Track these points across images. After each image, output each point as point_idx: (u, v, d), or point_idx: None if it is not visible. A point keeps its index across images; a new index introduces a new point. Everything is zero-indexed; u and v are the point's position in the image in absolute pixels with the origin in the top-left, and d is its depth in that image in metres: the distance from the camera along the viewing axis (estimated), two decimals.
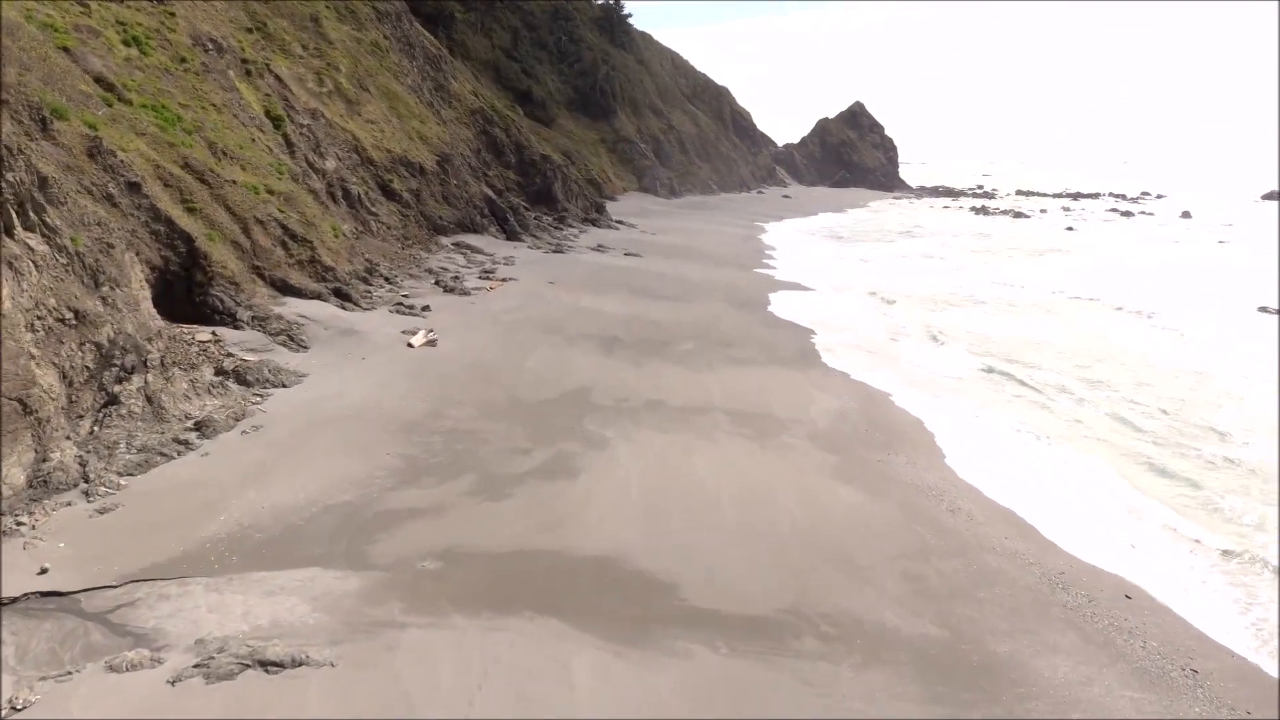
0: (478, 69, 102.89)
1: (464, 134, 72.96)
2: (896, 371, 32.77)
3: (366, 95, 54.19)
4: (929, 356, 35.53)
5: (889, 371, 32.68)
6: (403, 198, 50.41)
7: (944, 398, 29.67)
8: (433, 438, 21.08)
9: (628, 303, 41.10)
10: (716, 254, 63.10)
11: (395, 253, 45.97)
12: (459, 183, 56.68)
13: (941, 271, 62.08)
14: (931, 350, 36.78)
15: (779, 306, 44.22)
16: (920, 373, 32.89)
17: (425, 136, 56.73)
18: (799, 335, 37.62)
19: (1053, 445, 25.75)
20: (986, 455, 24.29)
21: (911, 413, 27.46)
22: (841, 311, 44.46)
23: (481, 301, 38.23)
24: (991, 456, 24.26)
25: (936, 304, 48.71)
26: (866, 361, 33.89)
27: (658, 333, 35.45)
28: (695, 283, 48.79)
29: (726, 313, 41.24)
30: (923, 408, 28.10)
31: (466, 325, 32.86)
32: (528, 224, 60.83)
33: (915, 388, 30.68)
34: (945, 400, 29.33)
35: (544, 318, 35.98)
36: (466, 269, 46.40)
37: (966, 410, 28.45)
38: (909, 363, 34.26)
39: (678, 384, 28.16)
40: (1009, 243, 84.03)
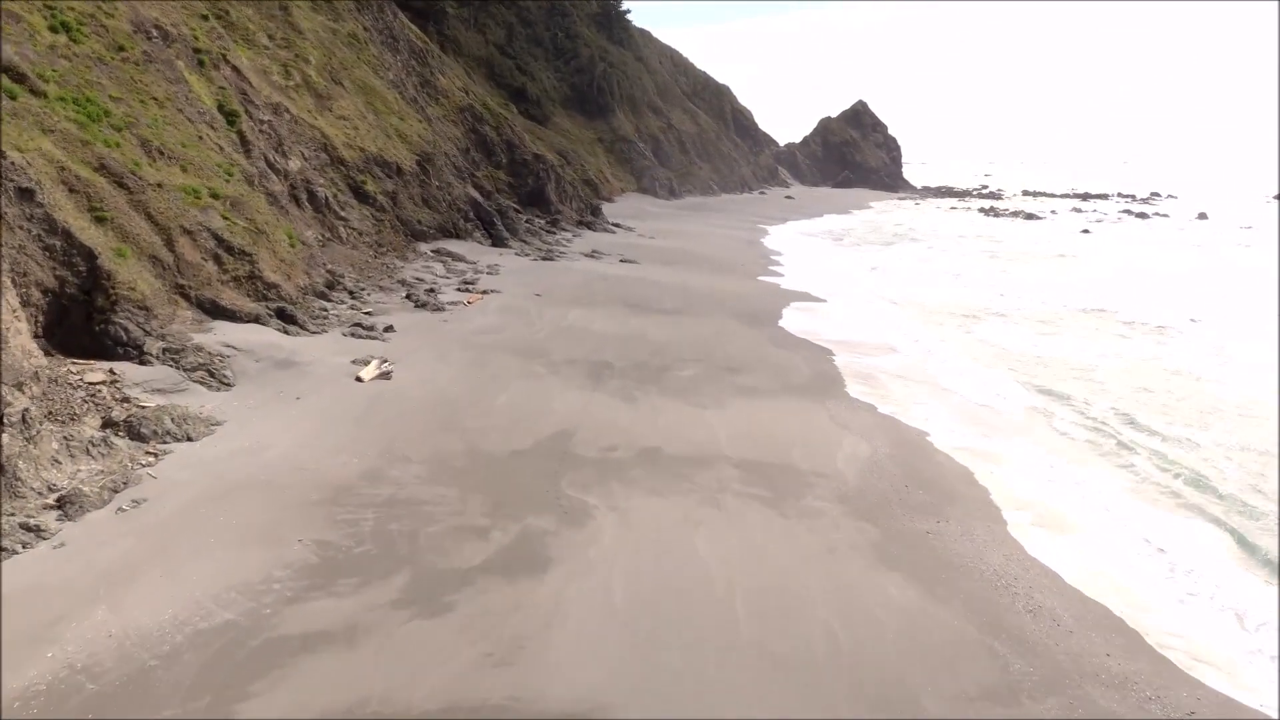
0: (470, 65, 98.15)
1: (451, 132, 68.29)
2: (930, 402, 28.03)
3: (339, 90, 49.44)
4: (965, 383, 30.73)
5: (922, 402, 27.95)
6: (377, 201, 45.67)
7: (992, 439, 24.92)
8: (363, 513, 16.33)
9: (622, 319, 36.36)
10: (719, 260, 58.36)
11: (365, 262, 41.25)
12: (441, 184, 51.92)
13: (961, 279, 57.23)
14: (967, 375, 31.95)
15: (790, 321, 39.50)
16: (958, 404, 28.15)
17: (405, 135, 51.97)
18: (815, 356, 32.90)
19: (1132, 503, 21.03)
20: (1056, 520, 19.58)
21: (957, 459, 22.72)
22: (859, 326, 39.72)
23: (456, 319, 33.49)
24: (1062, 522, 19.54)
25: (963, 317, 43.91)
26: (894, 389, 29.17)
27: (655, 355, 30.72)
28: (697, 293, 44.06)
29: (732, 329, 36.52)
30: (969, 452, 23.37)
31: (433, 350, 28.13)
32: (517, 228, 56.10)
33: (955, 424, 25.93)
34: (994, 443, 24.57)
35: (525, 339, 31.24)
36: (445, 279, 41.65)
37: (1021, 456, 23.70)
38: (943, 391, 29.48)
39: (677, 423, 23.45)
40: (1026, 246, 79.14)
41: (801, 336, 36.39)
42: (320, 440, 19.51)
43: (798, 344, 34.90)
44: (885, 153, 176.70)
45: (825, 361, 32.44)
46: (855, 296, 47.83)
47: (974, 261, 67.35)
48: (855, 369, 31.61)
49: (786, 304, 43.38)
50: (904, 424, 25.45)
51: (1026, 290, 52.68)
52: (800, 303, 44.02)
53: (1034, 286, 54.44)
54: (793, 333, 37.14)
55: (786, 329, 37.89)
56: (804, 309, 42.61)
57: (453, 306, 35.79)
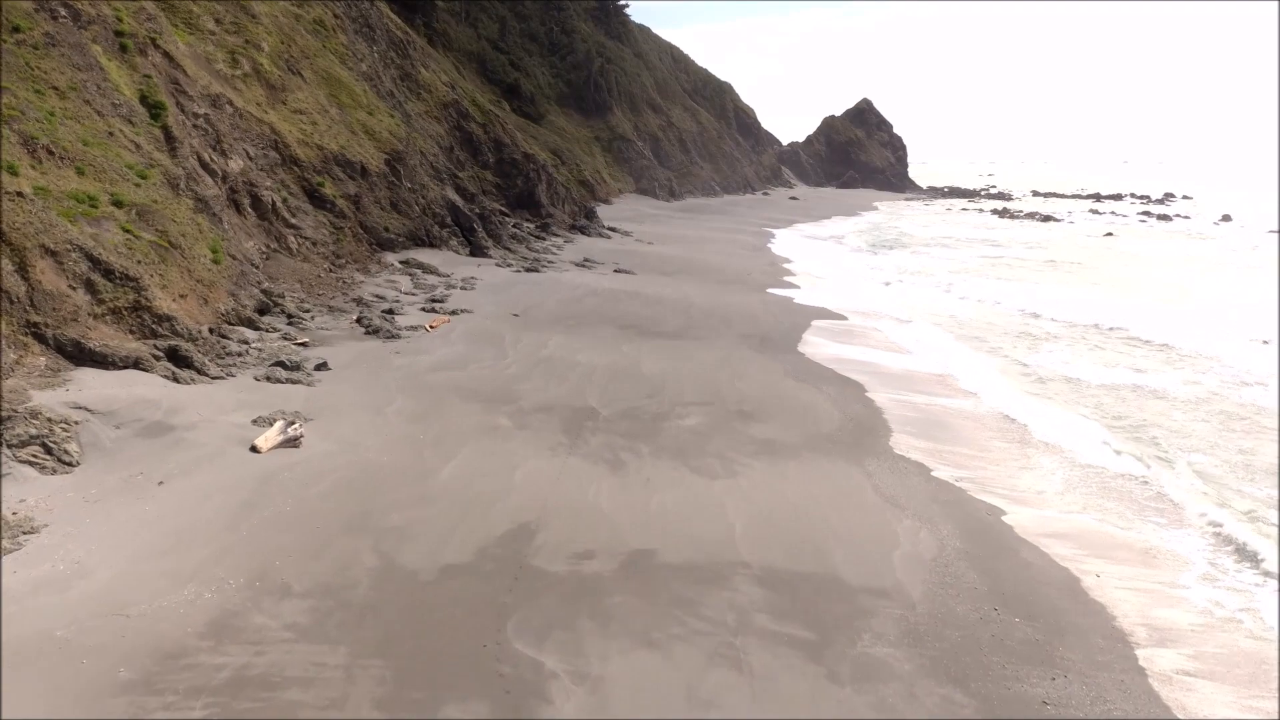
0: (460, 61, 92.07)
1: (433, 129, 62.23)
2: (996, 461, 21.98)
3: (297, 80, 43.38)
4: (1040, 433, 24.44)
5: (985, 459, 21.90)
6: (336, 206, 39.61)
7: (1085, 515, 18.84)
8: (186, 709, 10.27)
9: (612, 345, 30.31)
10: (724, 269, 52.26)
11: (317, 277, 35.20)
12: (414, 186, 45.84)
13: (996, 291, 50.83)
14: (1039, 420, 25.61)
15: (810, 345, 33.44)
16: (1036, 463, 22.07)
17: (374, 131, 45.90)
18: (844, 393, 26.86)
19: None
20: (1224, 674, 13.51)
21: (1055, 559, 16.65)
22: (892, 350, 33.65)
23: (412, 350, 27.44)
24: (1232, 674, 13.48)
25: (1016, 338, 37.64)
26: (946, 439, 23.09)
27: (651, 396, 24.66)
28: (701, 311, 37.99)
29: (743, 357, 30.48)
30: (1065, 546, 17.30)
31: (371, 398, 22.09)
32: (500, 235, 50.00)
33: (1036, 496, 19.90)
34: (1091, 523, 18.49)
35: (492, 377, 25.16)
36: (410, 296, 35.60)
37: (1134, 545, 17.64)
38: (1014, 446, 23.36)
39: (678, 505, 17.41)
40: (1054, 252, 72.79)
41: (825, 365, 30.34)
42: (167, 558, 13.45)
43: (822, 376, 28.85)
44: (890, 152, 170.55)
45: (857, 399, 26.39)
46: (882, 313, 41.71)
47: (1008, 269, 60.91)
48: (894, 409, 25.57)
49: (804, 323, 37.30)
50: (971, 497, 19.38)
51: (1077, 305, 46.14)
52: (820, 321, 37.91)
53: (1083, 300, 48.04)
54: (815, 360, 31.09)
55: (806, 355, 31.84)
56: (825, 329, 36.52)
57: (411, 332, 29.74)
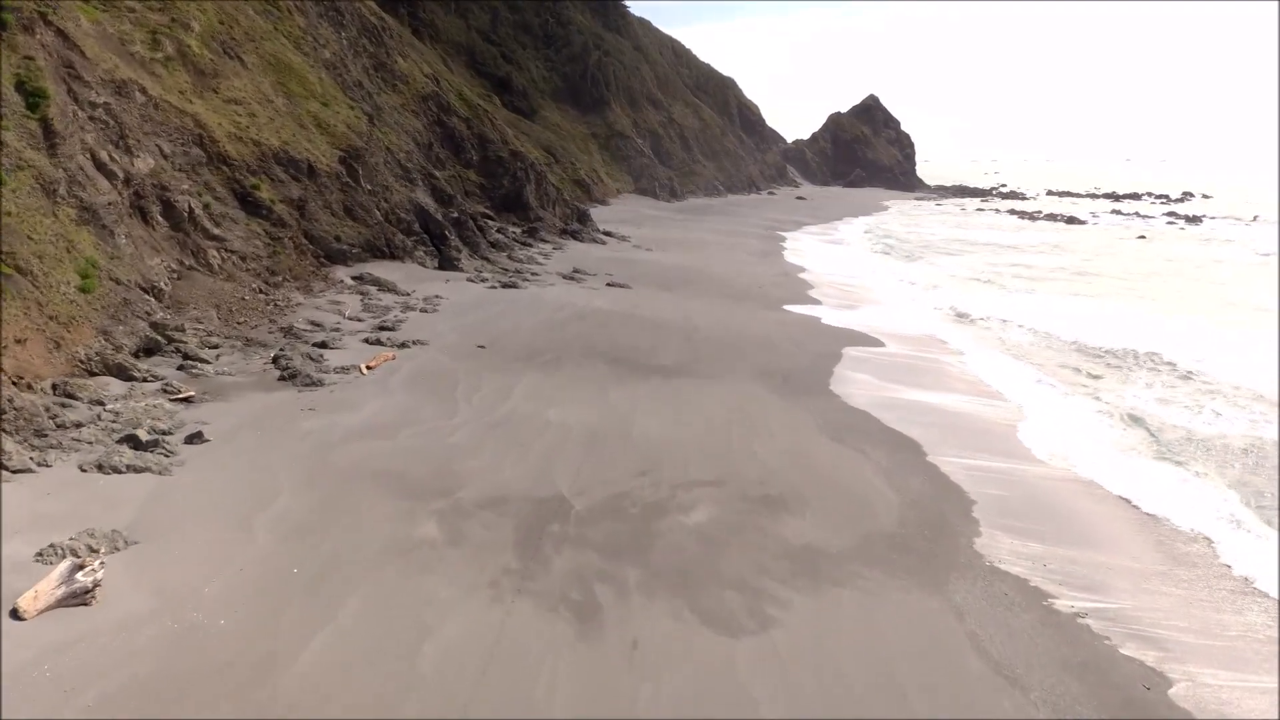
0: (448, 52, 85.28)
1: (410, 124, 55.40)
2: (1141, 578, 15.16)
3: (235, 65, 36.56)
4: (1187, 522, 17.59)
5: (1122, 575, 15.12)
6: (274, 212, 32.80)
7: None
8: None
9: (596, 392, 23.50)
10: (732, 280, 45.43)
11: (240, 300, 28.42)
12: (375, 188, 39.03)
13: (1049, 307, 43.38)
14: (1175, 502, 18.57)
15: (844, 381, 26.62)
16: (1196, 579, 15.26)
17: (327, 124, 39.07)
18: (901, 459, 20.06)
19: None
20: None
21: None
22: (945, 387, 26.81)
23: (332, 404, 20.65)
24: None
25: (1090, 368, 30.47)
26: (1062, 542, 16.30)
27: (642, 475, 17.86)
28: (707, 337, 31.19)
29: (762, 405, 23.68)
30: None
31: (243, 493, 15.31)
32: (477, 243, 43.17)
33: (1223, 649, 13.14)
34: None
35: (427, 451, 18.33)
36: (354, 324, 28.83)
37: None
38: (1156, 549, 16.42)
39: (679, 695, 10.67)
40: (1093, 260, 65.59)
41: (867, 412, 23.56)
42: None
43: (865, 430, 22.06)
44: (898, 150, 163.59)
45: (918, 468, 19.61)
46: (923, 335, 34.77)
47: (1054, 281, 53.43)
48: (970, 482, 18.81)
49: (833, 351, 30.46)
50: (1121, 654, 12.65)
51: (1149, 329, 38.15)
52: (852, 349, 31.03)
53: (1153, 323, 40.18)
54: (852, 405, 24.28)
55: (841, 397, 25.02)
56: (859, 360, 29.67)
57: (342, 375, 22.95)
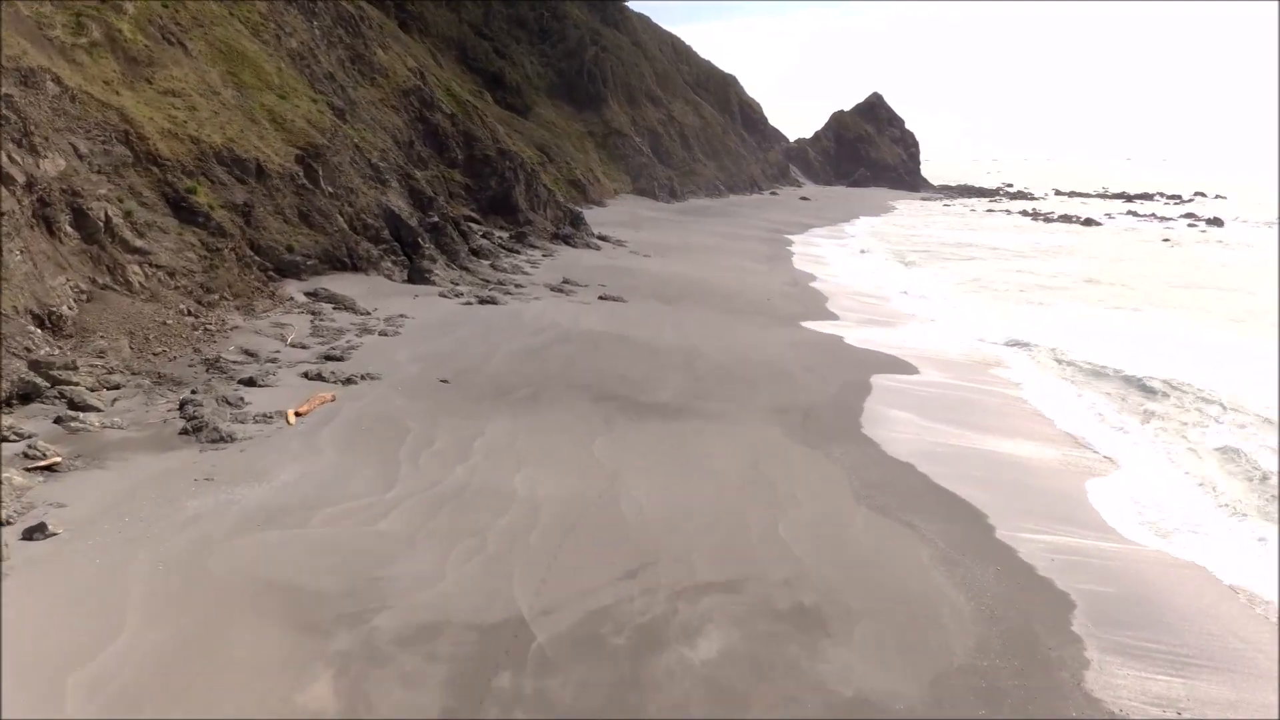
0: (438, 46, 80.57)
1: (389, 120, 50.80)
2: None
3: (175, 53, 31.92)
4: None
5: None
6: (212, 219, 28.13)
7: None
8: None
9: (580, 445, 18.83)
10: (738, 291, 40.77)
11: (162, 325, 23.75)
12: (338, 191, 34.38)
13: (1095, 321, 38.65)
14: None
15: (879, 421, 21.92)
16: None
17: (283, 119, 34.41)
18: (967, 540, 15.45)
19: None
20: None
21: None
22: (1005, 429, 22.14)
23: (237, 471, 16.01)
24: None
25: (1181, 401, 25.65)
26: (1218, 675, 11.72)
27: (632, 577, 13.21)
28: (712, 364, 26.53)
29: (783, 459, 19.04)
30: None
31: (68, 626, 10.72)
32: (456, 251, 38.48)
33: None
34: None
35: (341, 549, 13.65)
36: (297, 351, 24.18)
37: None
38: None
39: None
40: (1124, 264, 60.58)
41: (911, 465, 18.97)
42: None
43: (913, 494, 17.45)
44: (902, 149, 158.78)
45: (992, 552, 15.02)
46: (963, 358, 30.04)
47: (1091, 290, 48.42)
48: (1065, 578, 14.26)
49: (860, 379, 25.76)
50: None
51: (1224, 350, 33.62)
52: (883, 377, 26.30)
53: (1226, 344, 35.39)
54: (893, 455, 19.66)
55: (877, 443, 20.40)
56: (893, 390, 24.97)
57: (263, 425, 18.32)
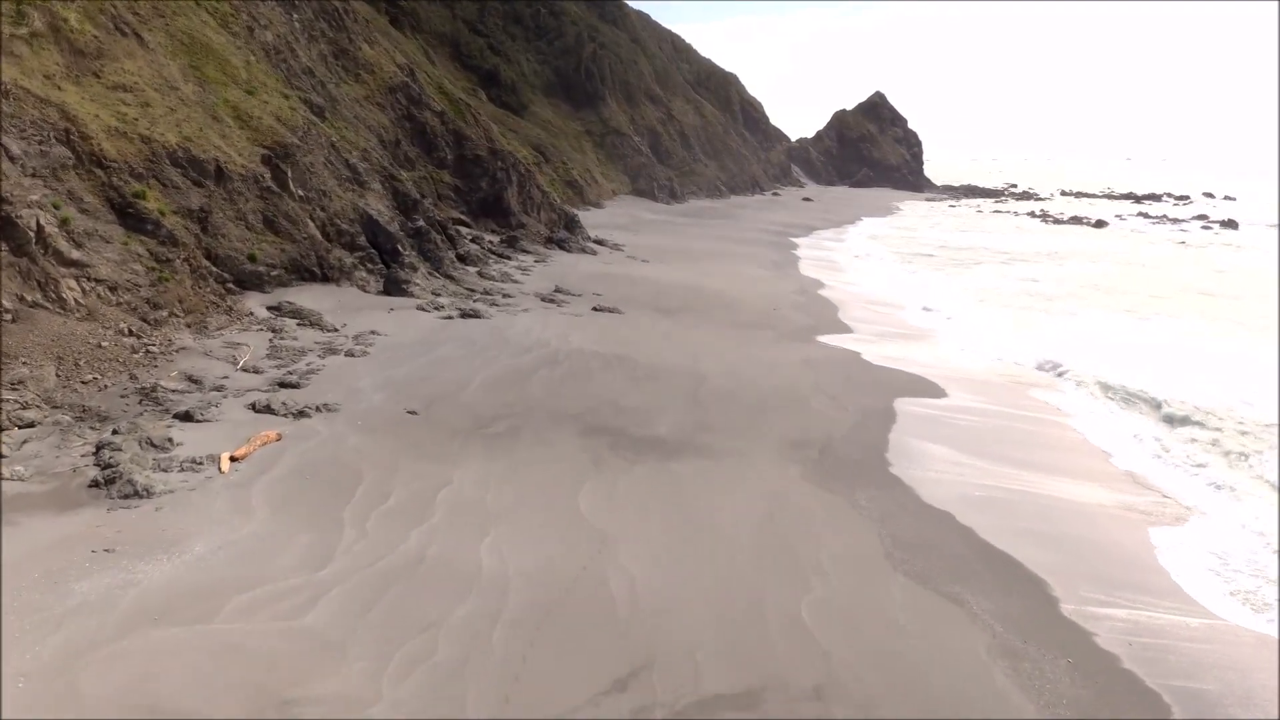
0: (431, 43, 77.86)
1: (374, 118, 48.03)
2: None
3: (130, 44, 29.06)
4: None
5: None
6: (163, 227, 25.26)
7: None
8: None
9: (563, 492, 15.98)
10: (743, 301, 37.92)
11: (96, 348, 20.91)
12: (309, 194, 31.52)
13: (1142, 333, 35.52)
14: None
15: (909, 459, 19.07)
16: None
17: (249, 116, 31.54)
18: (1027, 621, 12.60)
19: None
20: None
21: None
22: (1050, 460, 19.29)
23: (142, 543, 13.13)
24: None
25: (1242, 429, 22.82)
26: None
27: (622, 690, 10.30)
28: (717, 390, 23.64)
29: (803, 510, 16.20)
30: None
31: None
32: (440, 258, 35.63)
33: None
34: None
35: (249, 657, 10.74)
36: (249, 377, 21.32)
37: None
38: None
39: None
40: (1145, 269, 57.38)
41: (955, 517, 16.16)
42: None
43: (959, 556, 14.63)
44: (905, 149, 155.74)
45: (1060, 637, 12.22)
46: (1000, 377, 27.11)
47: (1112, 294, 45.73)
48: (1157, 670, 11.48)
49: (882, 405, 22.85)
50: None
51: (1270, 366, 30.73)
52: (909, 402, 23.39)
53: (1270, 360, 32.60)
54: (929, 502, 16.87)
55: (908, 485, 17.61)
56: (923, 418, 22.05)
57: (189, 476, 15.47)
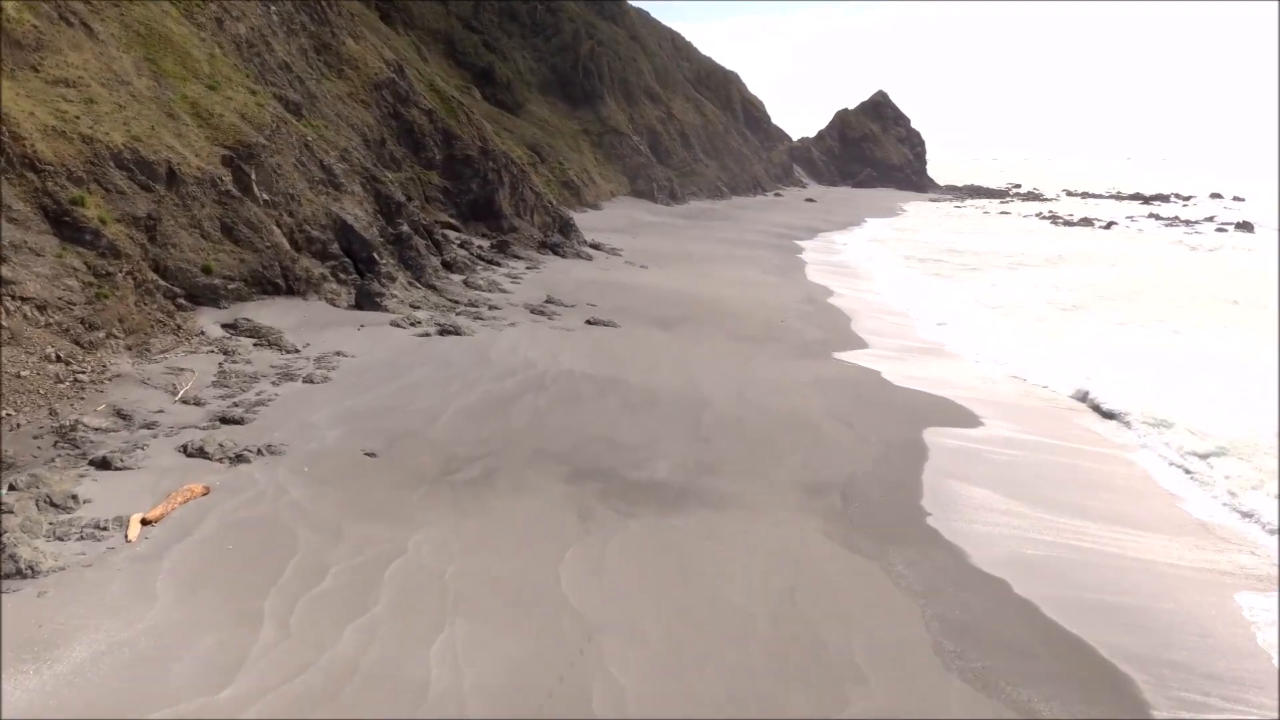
0: (424, 39, 75.13)
1: (357, 116, 45.33)
2: None
3: (75, 35, 26.26)
4: None
5: None
6: (103, 236, 22.46)
7: None
8: None
9: (543, 560, 13.14)
10: (748, 311, 35.15)
11: (17, 377, 18.07)
12: (275, 198, 28.73)
13: (1190, 347, 32.84)
14: None
15: (950, 505, 16.31)
16: None
17: (209, 113, 28.74)
18: None
19: None
20: None
21: None
22: (1115, 508, 16.50)
23: (9, 646, 10.45)
24: None
25: None
26: None
27: None
28: (723, 416, 20.83)
29: (826, 581, 13.38)
30: None
31: None
32: (422, 266, 32.85)
33: None
34: None
35: None
36: (188, 409, 18.54)
37: None
38: None
39: None
40: (1168, 274, 54.45)
41: (1010, 585, 13.41)
42: None
43: (1024, 648, 11.87)
44: (908, 148, 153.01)
45: None
46: (1044, 402, 24.24)
47: (1141, 300, 42.86)
48: None
49: (913, 438, 20.03)
50: None
51: None
52: (942, 432, 20.55)
53: None
54: (979, 565, 14.12)
55: (950, 539, 14.87)
56: (960, 453, 19.25)
57: (87, 546, 12.68)
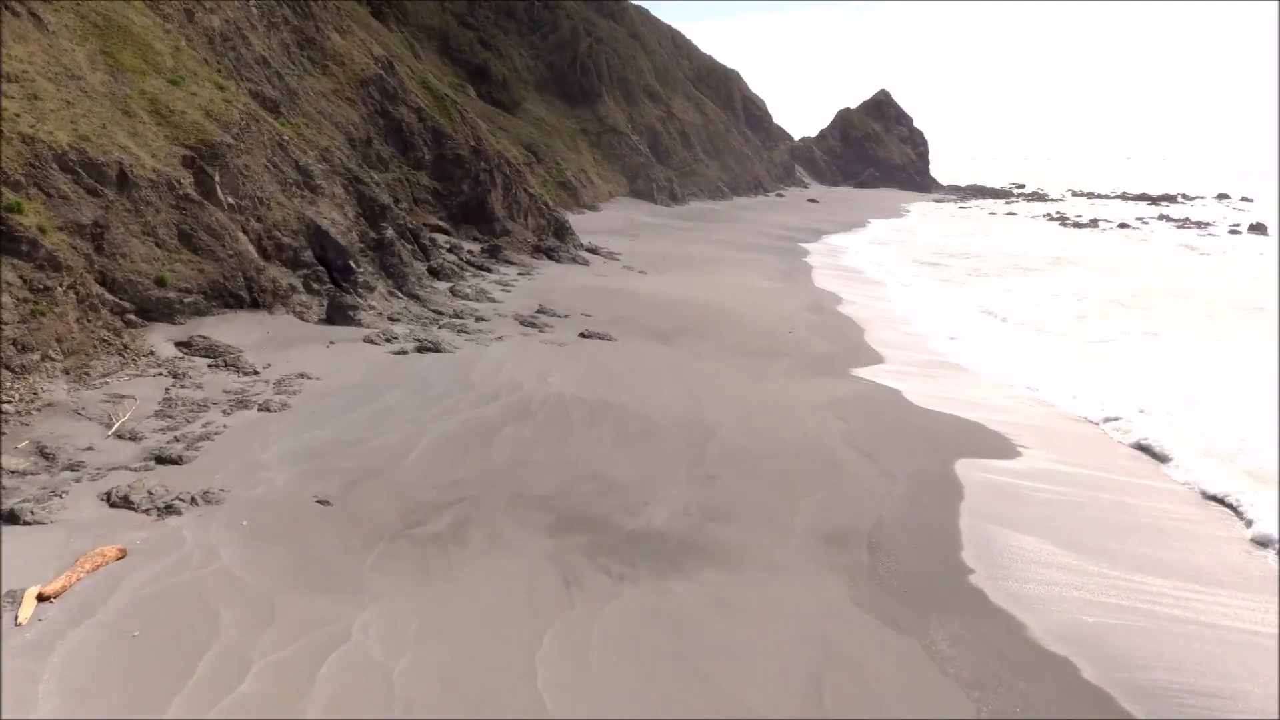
0: (417, 36, 72.87)
1: (342, 114, 42.96)
2: None
3: (22, 26, 23.82)
4: None
5: None
6: (41, 246, 20.07)
7: None
8: None
9: (516, 645, 10.71)
10: (753, 321, 32.76)
11: None
12: (242, 202, 26.35)
13: (1213, 356, 30.74)
14: None
15: (993, 560, 13.94)
16: None
17: (170, 111, 26.35)
18: None
19: None
20: None
21: None
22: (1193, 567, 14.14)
23: None
24: None
25: None
26: None
27: None
28: (730, 449, 18.42)
29: (857, 661, 10.98)
30: None
31: None
32: (405, 273, 30.49)
33: None
34: None
35: None
36: (122, 445, 16.16)
37: None
38: None
39: None
40: (1190, 279, 52.07)
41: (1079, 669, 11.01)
42: None
43: None
44: (911, 148, 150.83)
45: None
46: (1077, 418, 21.84)
47: (1171, 308, 40.34)
48: None
49: (944, 472, 17.64)
50: None
51: None
52: (976, 465, 18.17)
53: None
54: (1037, 639, 11.75)
55: (997, 604, 12.54)
56: (1000, 490, 16.88)
57: None
